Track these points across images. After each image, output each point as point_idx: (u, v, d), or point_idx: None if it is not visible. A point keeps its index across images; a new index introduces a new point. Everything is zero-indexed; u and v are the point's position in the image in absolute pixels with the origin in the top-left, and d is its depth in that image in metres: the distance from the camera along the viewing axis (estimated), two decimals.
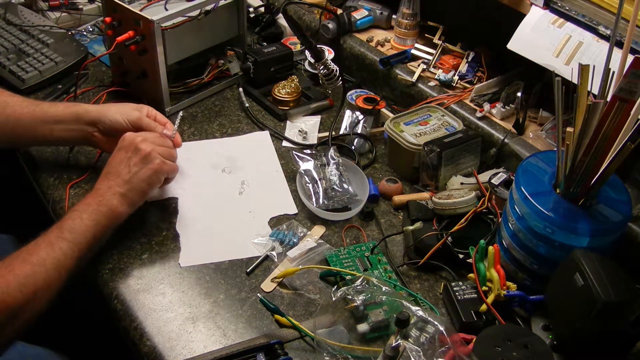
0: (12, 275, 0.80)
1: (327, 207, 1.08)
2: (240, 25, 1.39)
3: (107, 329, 0.97)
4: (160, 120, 1.09)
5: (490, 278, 0.91)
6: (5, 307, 0.78)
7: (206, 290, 0.95)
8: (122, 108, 1.08)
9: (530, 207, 0.88)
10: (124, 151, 0.98)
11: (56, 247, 0.85)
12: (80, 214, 0.90)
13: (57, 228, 0.88)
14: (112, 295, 0.94)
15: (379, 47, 1.44)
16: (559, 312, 0.86)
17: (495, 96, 1.25)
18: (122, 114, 1.06)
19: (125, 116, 1.06)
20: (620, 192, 0.91)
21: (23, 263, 0.82)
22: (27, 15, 1.52)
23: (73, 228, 0.88)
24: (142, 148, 0.98)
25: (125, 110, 1.07)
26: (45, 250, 0.85)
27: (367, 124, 1.28)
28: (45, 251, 0.84)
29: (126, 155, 0.98)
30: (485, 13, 1.33)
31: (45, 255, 0.84)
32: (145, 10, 1.22)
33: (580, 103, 0.84)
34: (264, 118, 1.32)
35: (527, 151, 1.12)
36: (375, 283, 0.89)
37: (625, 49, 0.86)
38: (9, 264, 0.82)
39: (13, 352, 0.96)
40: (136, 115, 1.06)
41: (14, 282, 0.79)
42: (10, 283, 0.79)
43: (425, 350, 0.77)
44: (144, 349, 0.87)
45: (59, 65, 1.37)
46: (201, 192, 1.12)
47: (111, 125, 1.05)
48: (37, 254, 0.84)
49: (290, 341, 0.88)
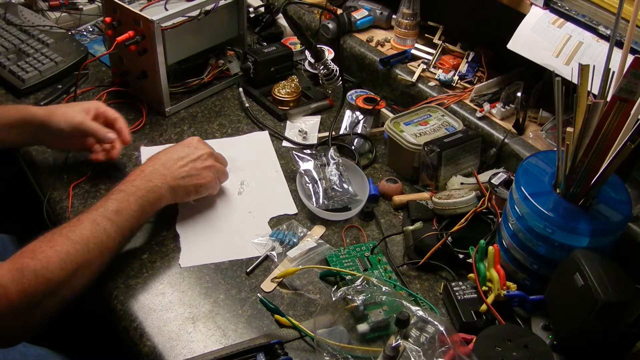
0: (53, 251, 0.79)
1: (327, 207, 1.08)
2: (240, 25, 1.39)
3: (107, 329, 0.97)
4: (110, 117, 1.09)
5: (490, 278, 0.91)
6: (44, 282, 0.78)
7: (206, 290, 0.95)
8: (68, 111, 1.07)
9: (530, 207, 0.88)
10: (189, 150, 1.01)
11: (100, 227, 0.85)
12: (128, 196, 0.90)
13: (103, 207, 0.87)
14: (112, 295, 0.93)
15: (379, 47, 1.44)
16: (559, 312, 0.86)
17: (495, 96, 1.25)
18: (66, 119, 1.05)
19: (68, 121, 1.05)
20: (620, 192, 0.91)
21: (66, 239, 0.82)
22: (27, 15, 1.52)
23: (120, 210, 0.88)
24: (208, 159, 1.02)
25: (70, 114, 1.06)
26: (89, 228, 0.84)
27: (367, 124, 1.28)
28: (89, 229, 0.84)
29: (190, 155, 1.00)
30: (485, 13, 1.33)
31: (89, 234, 0.83)
32: (145, 10, 1.22)
33: (580, 103, 0.84)
34: (264, 118, 1.32)
35: (527, 151, 1.12)
36: (375, 283, 0.89)
37: (625, 49, 0.86)
38: (50, 238, 0.82)
39: (13, 352, 0.96)
40: (78, 119, 1.05)
41: (55, 258, 0.79)
42: (51, 259, 0.79)
43: (425, 350, 0.77)
44: (144, 349, 0.87)
45: (59, 65, 1.37)
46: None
47: (56, 130, 1.05)
48: (81, 232, 0.83)
49: (290, 341, 0.88)
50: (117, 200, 0.89)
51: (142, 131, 1.26)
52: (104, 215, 0.87)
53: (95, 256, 0.84)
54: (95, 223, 0.85)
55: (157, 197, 0.94)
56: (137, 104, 1.31)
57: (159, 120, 1.29)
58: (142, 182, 0.93)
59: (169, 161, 0.98)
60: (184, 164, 0.98)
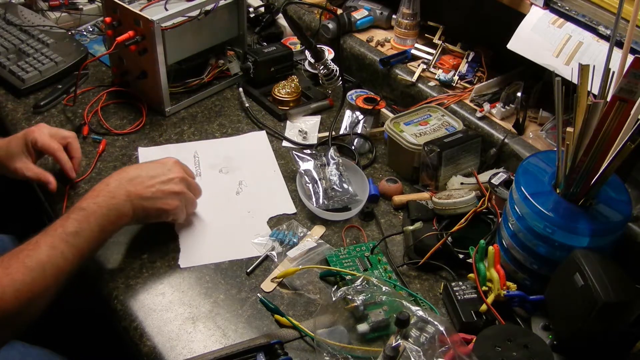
0: (9, 279, 0.76)
1: (327, 207, 1.08)
2: (240, 25, 1.39)
3: (107, 329, 0.97)
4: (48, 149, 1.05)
5: (490, 278, 0.91)
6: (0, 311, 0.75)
7: (206, 290, 0.95)
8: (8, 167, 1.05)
9: (530, 207, 0.88)
10: (161, 170, 0.95)
11: (58, 251, 0.81)
12: (89, 215, 0.86)
13: (62, 227, 0.84)
14: (112, 295, 0.93)
15: (379, 47, 1.44)
16: (559, 312, 0.86)
17: (495, 96, 1.25)
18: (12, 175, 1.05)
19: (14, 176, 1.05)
20: (620, 192, 0.91)
21: (22, 266, 0.78)
22: (27, 15, 1.52)
23: (79, 232, 0.84)
24: (178, 185, 0.96)
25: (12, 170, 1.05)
26: (46, 253, 0.81)
27: (367, 124, 1.28)
28: (46, 254, 0.80)
29: (161, 177, 0.94)
30: (485, 13, 1.33)
31: (45, 259, 0.80)
32: (145, 10, 1.22)
33: (580, 103, 0.84)
34: (263, 118, 1.32)
35: (527, 151, 1.12)
36: (375, 283, 0.89)
37: (625, 49, 0.86)
38: (7, 264, 0.79)
39: (13, 352, 0.96)
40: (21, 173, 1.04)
41: (10, 286, 0.76)
42: (5, 288, 0.76)
43: (425, 350, 0.77)
44: (144, 349, 0.87)
45: (59, 65, 1.37)
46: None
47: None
48: (37, 257, 0.80)
49: (290, 341, 0.88)
50: (77, 220, 0.85)
51: (142, 131, 1.26)
52: (62, 238, 0.83)
53: (51, 282, 0.80)
54: (53, 247, 0.81)
55: (119, 216, 0.89)
56: (137, 104, 1.31)
57: (159, 120, 1.29)
58: (104, 199, 0.88)
59: (137, 178, 0.92)
60: (152, 184, 0.93)
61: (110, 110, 1.31)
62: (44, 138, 1.04)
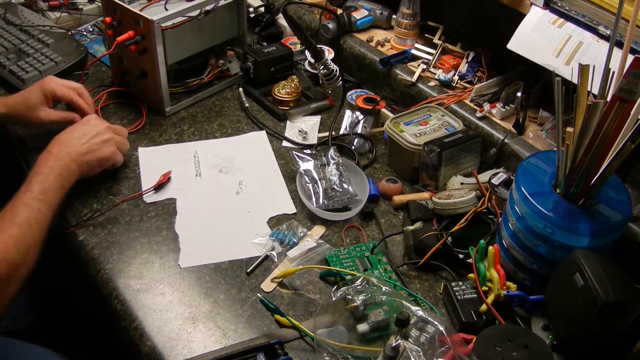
0: (6, 235, 0.86)
1: (327, 207, 1.08)
2: (240, 25, 1.39)
3: (107, 329, 0.97)
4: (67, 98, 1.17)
5: (490, 278, 0.91)
6: (7, 265, 0.84)
7: (206, 290, 0.95)
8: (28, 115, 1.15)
9: (530, 207, 0.88)
10: (87, 128, 1.08)
11: (34, 208, 0.91)
12: (47, 176, 0.97)
13: (29, 191, 0.94)
14: (112, 295, 0.93)
15: (379, 47, 1.44)
16: (559, 312, 0.86)
17: (495, 96, 1.25)
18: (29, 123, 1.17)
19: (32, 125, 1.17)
20: (620, 192, 0.91)
21: (12, 224, 0.88)
22: (27, 15, 1.52)
23: (44, 190, 0.95)
24: (105, 133, 1.09)
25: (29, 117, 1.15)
26: (25, 211, 0.90)
27: (367, 124, 1.28)
28: (26, 212, 0.90)
29: (90, 132, 1.07)
30: (485, 13, 1.33)
31: (27, 216, 0.90)
32: (145, 10, 1.22)
33: (580, 103, 0.84)
34: (263, 118, 1.32)
35: (527, 151, 1.12)
36: (375, 283, 0.89)
37: (625, 49, 0.86)
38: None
39: (13, 352, 0.96)
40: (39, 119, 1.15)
41: (11, 242, 0.85)
42: (7, 244, 0.85)
43: (425, 350, 0.77)
44: (144, 349, 0.87)
45: (59, 65, 1.36)
46: (199, 193, 1.12)
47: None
48: (20, 216, 0.89)
49: (290, 341, 0.88)
50: (39, 182, 0.96)
51: (142, 131, 1.26)
52: (32, 197, 0.93)
53: (38, 235, 0.90)
54: (29, 206, 0.92)
55: (70, 174, 1.01)
56: (137, 104, 1.31)
57: (159, 120, 1.29)
58: (55, 162, 1.00)
59: (71, 140, 1.05)
60: (85, 141, 1.06)
61: (111, 110, 1.31)
62: (61, 88, 1.16)
